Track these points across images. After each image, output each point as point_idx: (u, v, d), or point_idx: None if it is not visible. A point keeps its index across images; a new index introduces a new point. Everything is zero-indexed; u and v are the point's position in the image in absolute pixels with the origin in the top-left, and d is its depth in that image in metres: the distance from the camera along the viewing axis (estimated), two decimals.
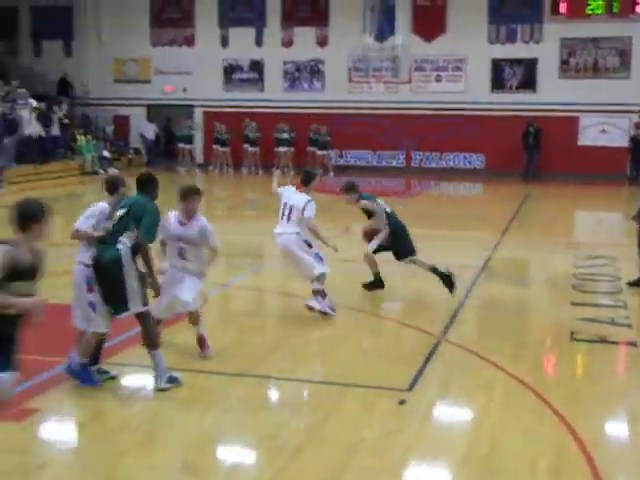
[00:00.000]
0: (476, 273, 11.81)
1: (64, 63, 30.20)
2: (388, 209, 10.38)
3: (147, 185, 7.27)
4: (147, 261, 6.86)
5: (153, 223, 6.98)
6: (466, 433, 6.24)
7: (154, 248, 7.20)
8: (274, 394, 7.25)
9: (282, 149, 27.70)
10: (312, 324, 9.07)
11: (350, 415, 6.48)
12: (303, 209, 9.05)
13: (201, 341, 7.79)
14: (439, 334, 8.67)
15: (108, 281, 6.72)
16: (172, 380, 6.87)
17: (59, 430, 6.29)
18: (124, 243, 6.75)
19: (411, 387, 7.05)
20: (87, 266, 6.93)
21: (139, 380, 7.34)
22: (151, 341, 6.87)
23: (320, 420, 6.32)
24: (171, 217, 7.81)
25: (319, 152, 27.60)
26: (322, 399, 6.85)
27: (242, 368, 7.42)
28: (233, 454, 5.87)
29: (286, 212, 9.17)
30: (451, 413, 6.83)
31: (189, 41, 29.68)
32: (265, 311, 10.59)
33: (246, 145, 28.06)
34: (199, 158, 29.47)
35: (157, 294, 7.31)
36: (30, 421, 6.19)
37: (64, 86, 29.78)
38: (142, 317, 6.84)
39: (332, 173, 27.31)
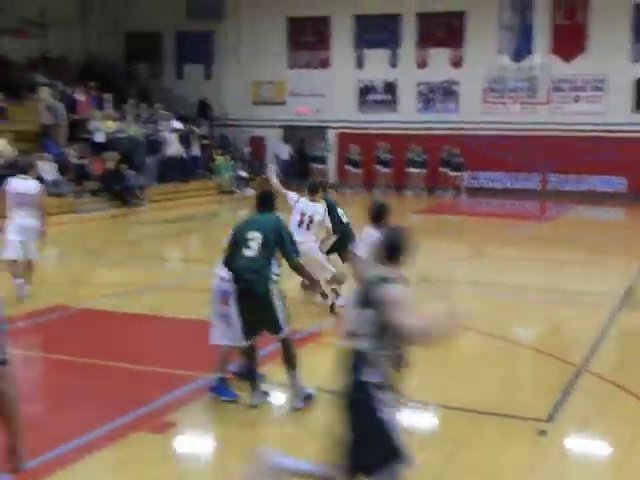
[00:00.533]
0: (617, 301, 11.33)
1: (204, 86, 31.24)
2: (345, 219, 10.97)
3: (269, 202, 7.20)
4: (310, 278, 7.47)
5: (293, 238, 7.11)
6: (610, 469, 5.97)
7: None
8: (411, 418, 7.14)
9: (414, 170, 27.62)
10: (448, 348, 8.92)
11: (488, 443, 6.31)
12: (320, 221, 10.09)
13: None
14: (579, 364, 8.36)
15: (258, 310, 6.78)
16: (308, 397, 6.89)
17: (194, 444, 6.43)
18: (273, 273, 6.86)
19: (550, 418, 6.82)
20: (223, 280, 7.01)
21: (277, 397, 7.43)
22: (292, 361, 6.95)
23: (457, 447, 6.19)
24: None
25: (452, 173, 27.36)
26: (459, 425, 6.71)
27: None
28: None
29: (305, 221, 9.99)
30: (593, 447, 6.55)
31: (324, 63, 30.12)
32: None
33: (378, 166, 28.16)
34: (332, 179, 29.76)
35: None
36: (167, 434, 6.36)
37: (204, 108, 30.81)
38: (286, 341, 6.95)
39: (464, 195, 26.96)
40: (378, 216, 7.83)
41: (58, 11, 27.26)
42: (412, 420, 7.07)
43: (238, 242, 6.83)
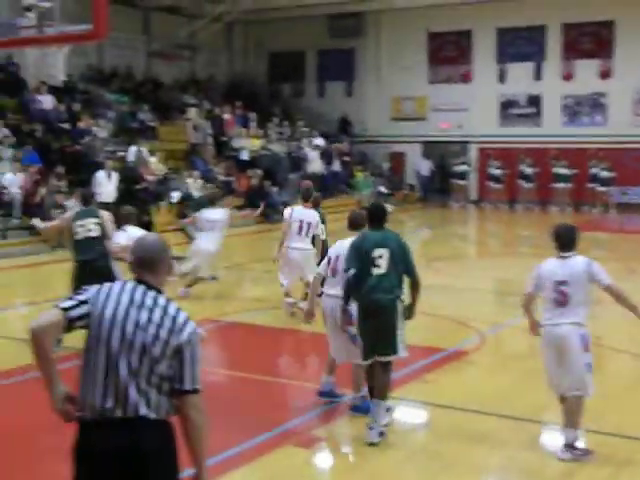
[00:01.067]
0: None
1: (345, 103, 31.60)
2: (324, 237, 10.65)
3: (384, 216, 6.79)
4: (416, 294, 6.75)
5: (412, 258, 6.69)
6: None
7: None
8: (553, 444, 6.91)
9: (560, 185, 26.84)
10: (602, 372, 8.59)
11: None
12: (316, 225, 10.24)
13: None
14: None
15: (382, 330, 6.47)
16: (381, 435, 6.40)
17: (341, 458, 6.46)
18: (400, 290, 6.56)
19: None
20: (338, 297, 6.74)
21: (416, 416, 7.38)
22: (386, 390, 6.56)
23: (611, 474, 5.93)
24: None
25: (600, 189, 26.42)
26: (612, 451, 6.43)
27: (523, 413, 7.19)
28: None
29: (304, 227, 10.26)
30: None
31: (466, 78, 29.82)
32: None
33: (521, 181, 27.56)
34: (473, 194, 29.39)
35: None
36: (314, 448, 6.41)
37: (344, 125, 31.14)
38: (390, 365, 6.58)
39: (614, 211, 25.95)
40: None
41: (205, 35, 28.30)
42: (561, 444, 6.83)
43: (363, 260, 6.46)
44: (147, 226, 20.22)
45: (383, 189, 28.38)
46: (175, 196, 21.49)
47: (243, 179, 24.12)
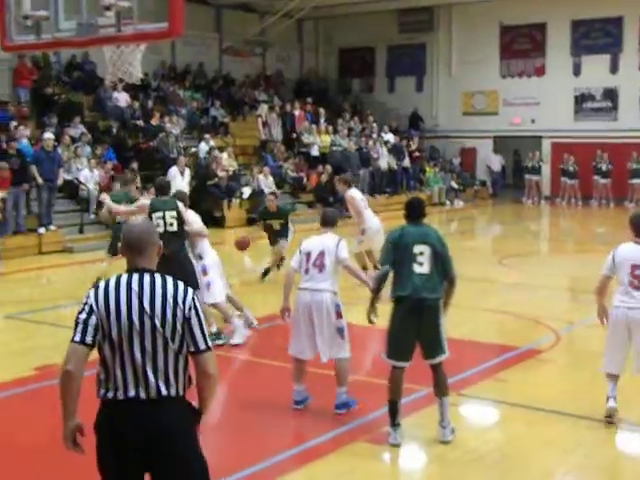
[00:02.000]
0: None
1: (415, 98, 31.40)
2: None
3: (423, 210, 6.53)
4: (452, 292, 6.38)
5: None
6: None
7: None
8: (630, 444, 6.76)
9: (636, 181, 26.18)
10: None
11: None
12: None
13: None
14: None
15: (425, 330, 6.23)
16: (453, 432, 6.30)
17: (413, 456, 6.44)
18: (442, 289, 6.29)
19: None
20: (335, 294, 6.91)
21: (489, 415, 7.30)
22: (446, 387, 6.39)
23: None
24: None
25: None
26: None
27: (598, 412, 7.04)
28: None
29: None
30: None
31: (539, 71, 29.29)
32: None
33: (597, 177, 26.97)
34: (546, 190, 28.88)
35: None
36: (385, 446, 6.39)
37: (415, 120, 30.95)
38: (441, 364, 6.40)
39: None
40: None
41: (276, 31, 28.47)
42: (632, 446, 6.69)
43: (402, 256, 6.21)
44: (218, 221, 20.53)
45: (454, 184, 28.14)
46: (246, 192, 21.71)
47: (313, 175, 24.20)
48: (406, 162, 27.42)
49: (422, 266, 6.16)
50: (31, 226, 16.81)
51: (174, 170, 19.64)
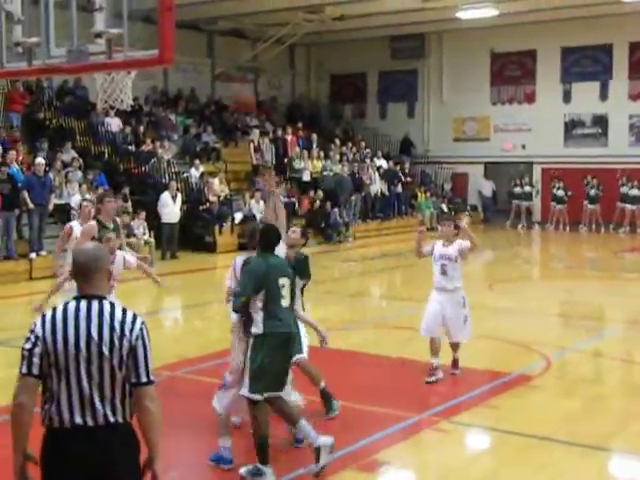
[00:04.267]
0: None
1: (407, 124, 31.55)
2: None
3: (277, 240, 6.32)
4: None
5: None
6: None
7: None
8: (623, 472, 6.73)
9: (629, 206, 26.27)
10: None
11: None
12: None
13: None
14: None
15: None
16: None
17: None
18: None
19: None
20: None
21: (480, 442, 7.27)
22: None
23: None
24: None
25: None
26: None
27: (590, 440, 7.01)
28: None
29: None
30: None
31: (529, 98, 29.51)
32: (611, 380, 9.95)
33: (586, 202, 27.09)
34: (537, 215, 28.98)
35: None
36: (377, 472, 6.36)
37: (406, 145, 31.09)
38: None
39: None
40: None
41: (268, 57, 28.64)
42: (632, 476, 6.66)
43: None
44: (210, 246, 20.52)
45: (444, 207, 28.25)
46: (238, 217, 21.73)
47: (305, 200, 24.24)
48: (398, 187, 27.51)
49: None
50: (22, 251, 16.74)
51: (166, 195, 19.66)
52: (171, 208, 19.62)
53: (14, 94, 20.91)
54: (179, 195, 20.03)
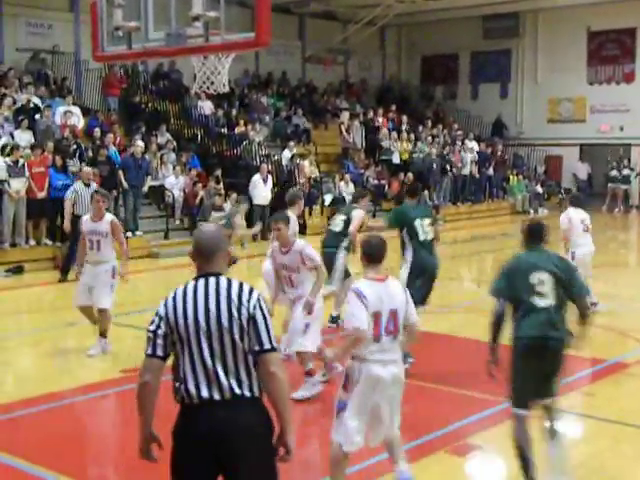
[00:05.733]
0: None
1: (499, 105, 30.98)
2: None
3: (543, 234, 5.64)
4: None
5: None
6: None
7: None
8: None
9: None
10: None
11: None
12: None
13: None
14: None
15: (551, 369, 5.47)
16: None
17: (496, 468, 6.34)
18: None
19: None
20: None
21: (575, 429, 7.14)
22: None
23: None
24: None
25: None
26: None
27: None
28: None
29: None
30: None
31: (628, 78, 28.55)
32: None
33: None
34: (635, 199, 28.08)
35: None
36: (468, 457, 6.32)
37: (498, 127, 30.54)
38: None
39: None
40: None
41: (358, 39, 28.53)
42: None
43: (520, 289, 5.36)
44: (300, 228, 20.64)
45: (540, 189, 27.68)
46: (327, 199, 21.79)
47: (394, 183, 24.13)
48: (490, 170, 27.08)
49: (543, 299, 5.34)
50: None
51: (257, 177, 19.86)
52: (262, 190, 19.81)
53: (111, 78, 21.46)
54: (270, 177, 20.22)
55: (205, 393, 3.65)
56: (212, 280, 3.76)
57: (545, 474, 5.38)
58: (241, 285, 3.77)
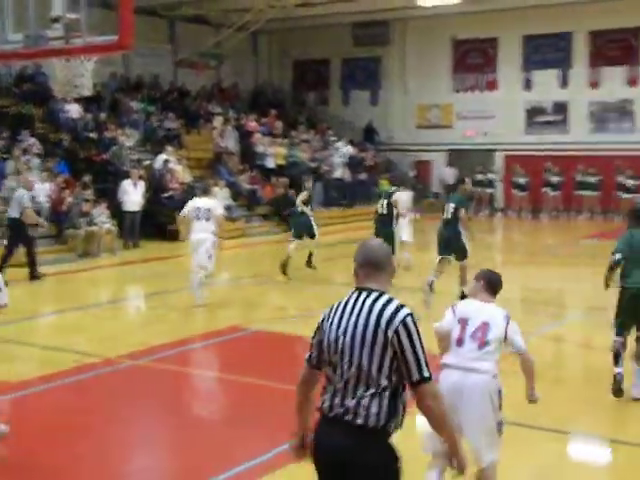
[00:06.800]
0: None
1: (370, 111, 31.58)
2: None
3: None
4: None
5: None
6: None
7: None
8: (591, 455, 6.83)
9: (586, 193, 26.64)
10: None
11: None
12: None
13: None
14: None
15: None
16: None
17: None
18: None
19: None
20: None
21: None
22: None
23: None
24: None
25: (625, 196, 26.18)
26: None
27: (552, 423, 7.10)
28: None
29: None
30: None
31: (491, 85, 29.71)
32: (570, 365, 10.09)
33: (546, 189, 27.38)
34: (500, 203, 29.23)
35: None
36: None
37: (370, 132, 31.13)
38: None
39: None
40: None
41: (231, 44, 28.44)
42: (593, 456, 6.77)
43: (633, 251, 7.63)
44: (173, 234, 20.34)
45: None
46: None
47: (268, 187, 24.17)
48: (361, 175, 27.55)
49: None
50: None
51: (127, 183, 19.46)
52: (132, 196, 19.43)
53: None
54: (140, 183, 19.83)
55: (336, 409, 3.58)
56: (366, 295, 3.63)
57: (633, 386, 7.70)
58: (386, 303, 3.55)
